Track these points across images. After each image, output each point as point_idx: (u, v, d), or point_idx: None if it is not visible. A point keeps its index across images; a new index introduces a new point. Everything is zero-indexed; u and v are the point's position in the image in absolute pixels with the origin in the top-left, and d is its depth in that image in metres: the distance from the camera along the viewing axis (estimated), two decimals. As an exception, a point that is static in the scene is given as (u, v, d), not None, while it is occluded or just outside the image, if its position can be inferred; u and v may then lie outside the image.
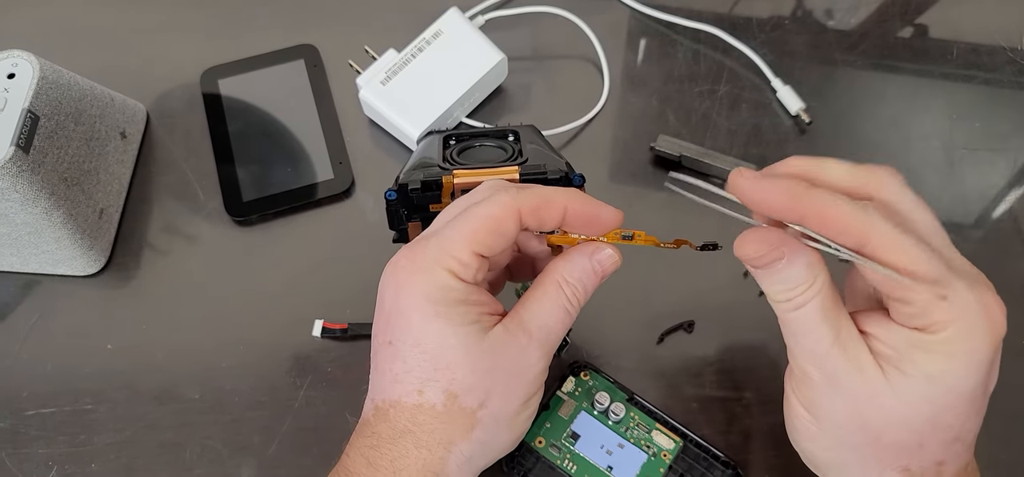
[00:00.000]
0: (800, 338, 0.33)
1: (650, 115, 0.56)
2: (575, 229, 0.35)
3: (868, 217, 0.30)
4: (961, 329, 0.30)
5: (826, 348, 0.32)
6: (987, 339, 0.30)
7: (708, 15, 0.60)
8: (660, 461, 0.41)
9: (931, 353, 0.30)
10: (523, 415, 0.36)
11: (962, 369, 0.30)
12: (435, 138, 0.45)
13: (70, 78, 0.48)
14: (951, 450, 0.32)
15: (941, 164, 0.54)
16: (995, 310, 0.30)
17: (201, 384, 0.47)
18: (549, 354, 0.35)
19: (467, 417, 0.34)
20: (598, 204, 0.35)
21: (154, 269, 0.51)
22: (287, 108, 0.55)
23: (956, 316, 0.30)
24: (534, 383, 0.35)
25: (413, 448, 0.33)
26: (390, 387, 0.34)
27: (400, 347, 0.34)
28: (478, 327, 0.33)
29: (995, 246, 0.51)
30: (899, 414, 0.31)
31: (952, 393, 0.31)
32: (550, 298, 0.35)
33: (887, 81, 0.57)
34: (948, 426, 0.31)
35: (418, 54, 0.54)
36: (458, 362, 0.33)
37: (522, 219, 0.34)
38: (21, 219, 0.45)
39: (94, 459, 0.45)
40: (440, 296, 0.33)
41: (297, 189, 0.52)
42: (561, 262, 0.36)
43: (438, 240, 0.34)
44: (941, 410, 0.31)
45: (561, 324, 0.35)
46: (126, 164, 0.53)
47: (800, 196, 0.30)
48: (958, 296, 0.30)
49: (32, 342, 0.48)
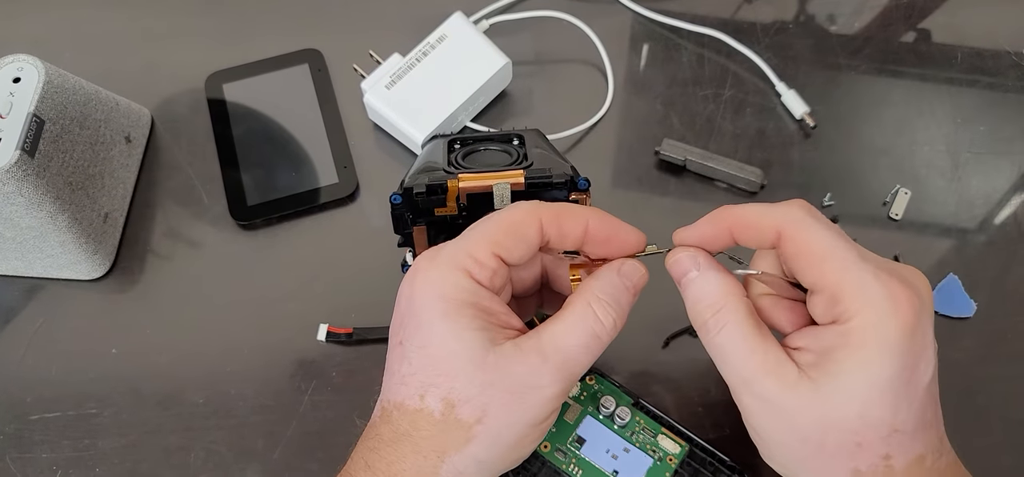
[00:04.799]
0: (728, 365, 0.34)
1: (654, 119, 0.56)
2: (596, 250, 0.35)
3: (784, 210, 0.34)
4: (868, 318, 0.31)
5: (752, 371, 0.33)
6: (893, 326, 0.31)
7: (712, 20, 0.60)
8: (666, 465, 0.41)
9: (847, 348, 0.31)
10: (528, 438, 0.34)
11: (876, 359, 0.31)
12: (440, 142, 0.45)
13: (75, 82, 0.48)
14: (892, 442, 0.32)
15: (946, 168, 0.54)
16: (902, 298, 0.31)
17: (206, 389, 0.46)
18: (566, 380, 0.33)
19: (463, 430, 0.32)
20: (620, 223, 0.35)
21: (158, 274, 0.51)
22: (291, 112, 0.56)
23: (862, 306, 0.31)
24: (542, 408, 0.33)
25: (410, 453, 0.33)
26: (396, 389, 0.34)
27: (408, 348, 0.33)
28: (485, 336, 0.32)
29: (1000, 250, 0.51)
30: (831, 418, 0.32)
31: (873, 386, 0.31)
32: (574, 319, 0.33)
33: (891, 85, 0.57)
34: (879, 420, 0.31)
35: (423, 58, 0.54)
36: (458, 371, 0.32)
37: (543, 227, 0.34)
38: (26, 223, 0.45)
39: (99, 464, 0.45)
40: (451, 294, 0.32)
41: (301, 193, 0.52)
42: (590, 280, 0.35)
43: (458, 241, 0.34)
44: (867, 405, 0.31)
45: (584, 349, 0.33)
46: (131, 168, 0.53)
47: (722, 214, 0.35)
48: (865, 285, 0.31)
49: (36, 346, 0.48)
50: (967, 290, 0.49)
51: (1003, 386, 0.47)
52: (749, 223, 0.34)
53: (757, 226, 0.34)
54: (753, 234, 0.35)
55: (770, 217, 0.34)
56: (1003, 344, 0.48)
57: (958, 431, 0.37)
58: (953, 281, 0.49)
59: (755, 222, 0.34)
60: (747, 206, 0.35)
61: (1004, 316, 0.49)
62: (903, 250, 0.51)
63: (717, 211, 0.35)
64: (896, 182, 0.53)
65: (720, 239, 0.35)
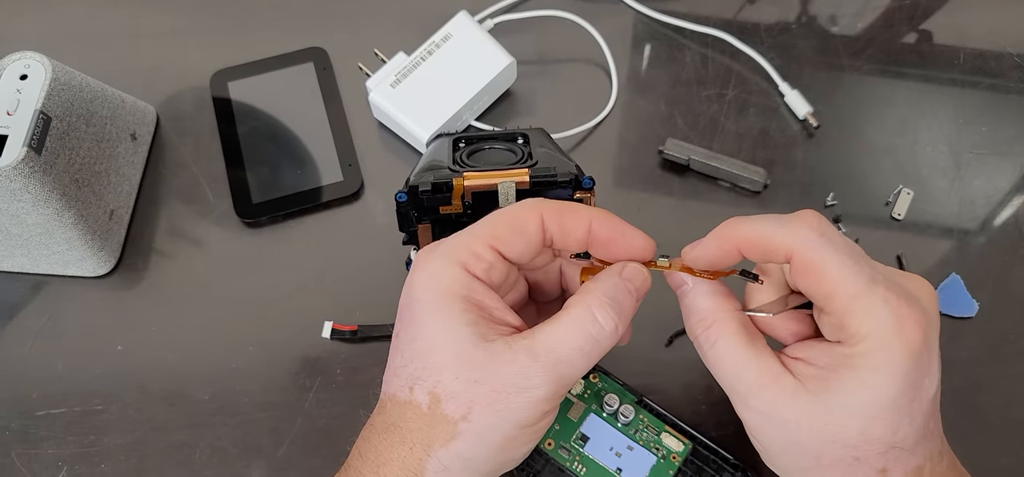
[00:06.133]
0: (726, 377, 0.34)
1: (658, 119, 0.56)
2: (600, 252, 0.35)
3: (795, 231, 0.32)
4: (875, 343, 0.31)
5: (747, 384, 0.33)
6: (900, 352, 0.31)
7: (715, 20, 0.60)
8: (669, 463, 0.41)
9: (853, 369, 0.31)
10: (517, 440, 0.33)
11: (880, 382, 0.31)
12: (445, 141, 0.45)
13: (82, 80, 0.49)
14: (890, 458, 0.32)
15: (948, 168, 0.54)
16: (909, 321, 0.31)
17: (211, 385, 0.47)
18: (558, 383, 0.32)
19: (448, 425, 0.32)
20: (626, 226, 0.35)
21: (163, 270, 0.51)
22: (296, 111, 0.56)
23: (870, 330, 0.31)
24: (530, 410, 0.32)
25: (398, 444, 0.33)
26: (390, 380, 0.34)
27: (401, 340, 0.34)
28: (475, 331, 0.32)
29: (1002, 250, 0.51)
30: (829, 432, 0.32)
31: (876, 406, 0.31)
32: (571, 321, 0.32)
33: (894, 86, 0.58)
34: (878, 438, 0.31)
35: (428, 57, 0.54)
36: (445, 365, 0.32)
37: (544, 223, 0.34)
38: (33, 220, 0.46)
39: (104, 460, 0.45)
40: (444, 287, 0.32)
41: (306, 191, 0.52)
42: (591, 282, 0.34)
43: (458, 235, 0.34)
44: (868, 422, 0.31)
45: (580, 352, 0.32)
46: (136, 166, 0.53)
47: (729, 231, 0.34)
48: (874, 311, 0.31)
49: (42, 343, 0.48)
50: (969, 290, 0.49)
51: (1005, 385, 0.47)
52: (758, 243, 0.33)
53: (767, 247, 0.33)
54: (762, 254, 0.34)
55: (780, 237, 0.32)
56: (1005, 344, 0.48)
57: (959, 431, 0.37)
58: (955, 281, 0.49)
59: (765, 242, 0.33)
60: (756, 222, 0.33)
61: (1006, 316, 0.49)
62: (905, 250, 0.51)
63: (724, 226, 0.34)
64: (898, 182, 0.53)
65: (729, 259, 0.34)
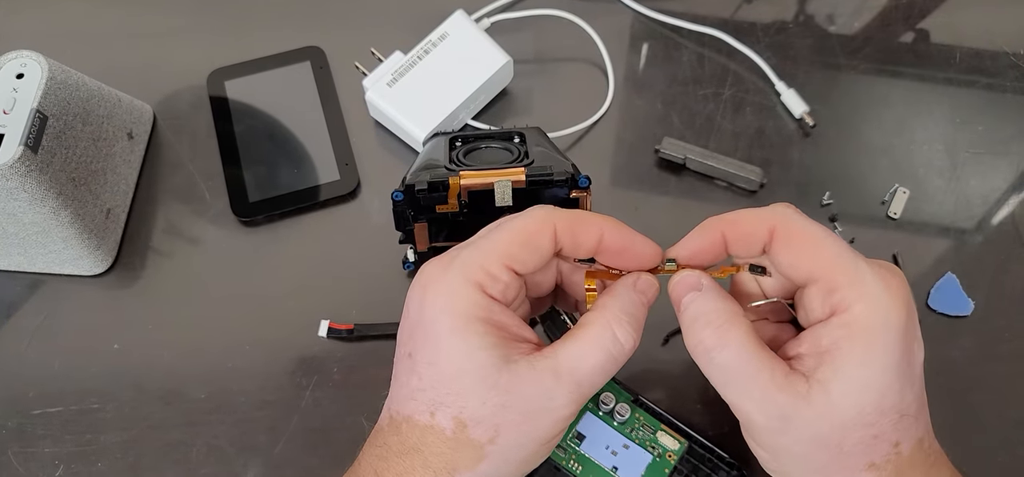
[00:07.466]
0: (735, 388, 0.33)
1: (654, 118, 0.56)
2: (610, 260, 0.35)
3: (773, 210, 0.34)
4: (870, 304, 0.32)
5: (763, 388, 0.32)
6: (895, 308, 0.32)
7: (712, 19, 0.60)
8: (665, 462, 0.41)
9: (851, 338, 0.32)
10: (538, 454, 0.34)
11: (882, 343, 0.31)
12: (441, 140, 0.45)
13: (78, 78, 0.49)
14: (901, 428, 0.32)
15: (945, 167, 0.54)
16: (894, 283, 0.32)
17: (207, 384, 0.47)
18: (580, 400, 0.33)
19: (475, 449, 0.32)
20: (635, 235, 0.35)
21: (160, 269, 0.51)
22: (293, 110, 0.56)
23: (861, 292, 0.32)
24: (554, 427, 0.33)
25: (420, 467, 0.32)
26: (405, 402, 0.33)
27: (418, 362, 0.33)
28: (497, 354, 0.32)
29: (997, 249, 0.51)
30: (849, 416, 0.32)
31: (885, 370, 0.31)
32: (593, 340, 0.33)
33: (890, 85, 0.58)
34: (891, 406, 0.32)
35: (424, 56, 0.54)
36: (470, 391, 0.31)
37: (557, 235, 0.33)
38: (29, 218, 0.46)
39: (100, 458, 0.45)
40: (463, 310, 0.32)
41: (303, 190, 0.52)
42: (608, 299, 0.34)
43: (469, 251, 0.33)
44: (881, 393, 0.31)
45: (600, 369, 0.33)
46: (133, 164, 0.53)
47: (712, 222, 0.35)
48: (861, 272, 0.32)
49: (39, 341, 0.48)
50: (965, 289, 0.49)
51: (1000, 384, 0.47)
52: (741, 227, 0.34)
53: (749, 229, 0.34)
54: (746, 239, 0.34)
55: (761, 216, 0.34)
56: (1000, 343, 0.48)
57: (955, 429, 0.37)
58: (951, 280, 0.50)
59: (746, 226, 0.34)
60: (736, 212, 0.35)
61: (1001, 315, 0.49)
62: (901, 249, 0.51)
63: (706, 222, 0.35)
64: (895, 181, 0.53)
65: (714, 249, 0.35)
